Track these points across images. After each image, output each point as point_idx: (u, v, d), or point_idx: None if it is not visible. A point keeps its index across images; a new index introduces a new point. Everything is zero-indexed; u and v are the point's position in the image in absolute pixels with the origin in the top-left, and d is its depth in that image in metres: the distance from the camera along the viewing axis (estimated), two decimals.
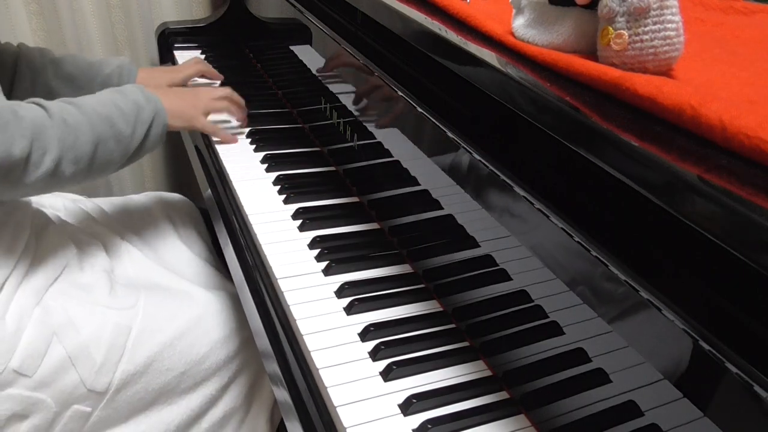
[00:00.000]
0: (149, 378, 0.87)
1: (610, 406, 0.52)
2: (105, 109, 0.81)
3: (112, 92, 0.86)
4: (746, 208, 0.37)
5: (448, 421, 0.61)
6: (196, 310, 0.93)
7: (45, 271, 0.85)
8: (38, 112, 0.74)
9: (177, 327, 0.90)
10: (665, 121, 0.46)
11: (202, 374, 0.92)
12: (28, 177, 0.73)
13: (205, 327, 0.93)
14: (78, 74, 1.04)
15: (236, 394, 0.98)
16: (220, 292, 0.99)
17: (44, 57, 1.03)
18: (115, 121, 0.82)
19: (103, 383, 0.83)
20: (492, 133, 0.66)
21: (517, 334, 0.64)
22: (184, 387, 0.92)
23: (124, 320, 0.86)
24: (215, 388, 0.95)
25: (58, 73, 1.03)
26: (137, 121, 0.84)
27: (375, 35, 0.89)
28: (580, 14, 0.56)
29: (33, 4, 1.41)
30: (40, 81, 1.02)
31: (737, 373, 0.39)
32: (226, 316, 0.96)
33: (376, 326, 0.71)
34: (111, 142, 0.81)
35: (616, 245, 0.49)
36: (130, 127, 0.83)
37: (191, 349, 0.91)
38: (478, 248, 0.68)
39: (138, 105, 0.85)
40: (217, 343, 0.93)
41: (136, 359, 0.86)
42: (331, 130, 1.03)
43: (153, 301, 0.90)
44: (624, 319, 0.49)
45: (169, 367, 0.89)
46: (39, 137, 0.72)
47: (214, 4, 1.63)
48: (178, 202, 1.22)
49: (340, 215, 0.91)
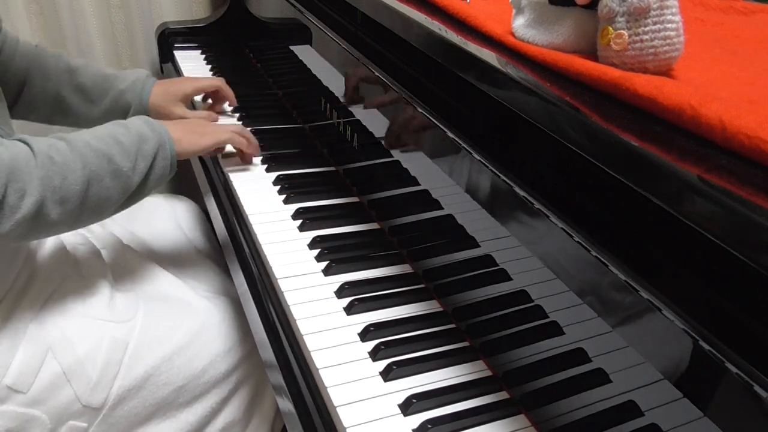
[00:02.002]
0: (146, 393, 0.86)
1: (610, 406, 0.52)
2: (101, 144, 0.76)
3: (114, 125, 0.81)
4: (746, 208, 0.37)
5: (448, 421, 0.61)
6: (197, 322, 0.91)
7: (42, 285, 0.84)
8: (20, 151, 0.68)
9: (176, 341, 0.88)
10: (665, 121, 0.46)
11: (201, 388, 0.91)
12: (5, 223, 0.66)
13: (205, 339, 0.91)
14: (91, 86, 1.02)
15: (237, 406, 0.96)
16: (222, 299, 0.98)
17: (59, 63, 1.01)
18: (113, 156, 0.76)
19: (99, 399, 0.82)
20: (492, 134, 0.66)
21: (517, 334, 0.64)
22: (183, 401, 0.90)
23: (121, 334, 0.84)
24: (215, 401, 0.93)
25: (71, 82, 1.01)
26: (139, 154, 0.78)
27: (375, 35, 0.89)
28: (580, 14, 0.56)
29: (33, 4, 1.41)
30: (51, 88, 1.00)
31: (737, 373, 0.39)
32: (227, 327, 0.94)
33: (376, 326, 0.71)
34: (107, 179, 0.75)
35: (616, 245, 0.49)
36: (131, 161, 0.77)
37: (190, 362, 0.89)
38: (478, 248, 0.68)
39: (141, 137, 0.80)
40: (217, 356, 0.91)
41: (133, 374, 0.84)
42: (331, 130, 1.03)
43: (152, 313, 0.89)
44: (624, 319, 0.49)
45: (166, 381, 0.87)
46: (16, 178, 0.66)
47: (214, 4, 1.63)
48: (185, 204, 1.22)
49: (340, 215, 0.91)
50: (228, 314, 0.95)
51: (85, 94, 1.01)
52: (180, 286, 0.96)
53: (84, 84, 1.01)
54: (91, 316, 0.84)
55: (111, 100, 1.02)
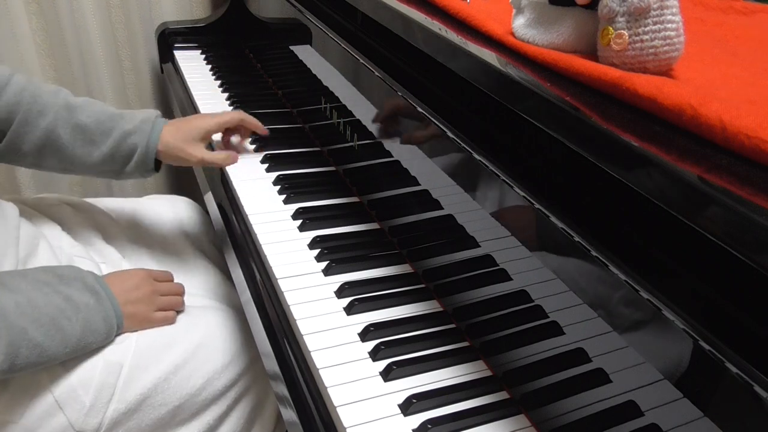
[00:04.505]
0: (142, 415, 0.83)
1: (610, 406, 0.52)
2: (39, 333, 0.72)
3: (60, 309, 0.75)
4: (746, 208, 0.37)
5: (448, 421, 0.61)
6: (195, 338, 0.88)
7: None
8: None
9: (173, 359, 0.85)
10: (665, 121, 0.46)
11: (198, 405, 0.88)
12: None
13: (203, 355, 0.87)
14: (92, 126, 0.90)
15: (237, 419, 0.93)
16: (222, 308, 0.95)
17: (57, 99, 0.90)
18: (46, 349, 0.73)
19: (93, 424, 0.79)
20: (492, 133, 0.66)
21: (517, 334, 0.64)
22: (180, 420, 0.87)
23: (115, 357, 0.81)
24: (213, 417, 0.90)
25: (69, 121, 0.89)
26: (77, 345, 0.76)
27: (375, 35, 0.89)
28: (580, 14, 0.56)
29: (33, 4, 1.41)
30: (44, 125, 0.88)
31: (737, 373, 0.39)
32: (226, 340, 0.90)
33: (376, 326, 0.71)
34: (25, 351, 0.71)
35: (616, 245, 0.49)
36: (65, 349, 0.75)
37: (188, 381, 0.85)
38: (478, 248, 0.68)
39: (87, 329, 0.77)
40: (216, 372, 0.88)
41: (127, 397, 0.81)
42: (331, 130, 1.03)
43: (148, 332, 0.85)
44: (624, 319, 0.49)
45: (162, 402, 0.84)
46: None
47: (214, 4, 1.63)
48: (187, 206, 1.20)
49: (340, 215, 0.91)
50: (227, 326, 0.92)
51: (86, 134, 0.90)
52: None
53: (84, 123, 0.89)
54: None
55: (114, 141, 0.90)
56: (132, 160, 0.92)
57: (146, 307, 0.86)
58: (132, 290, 0.85)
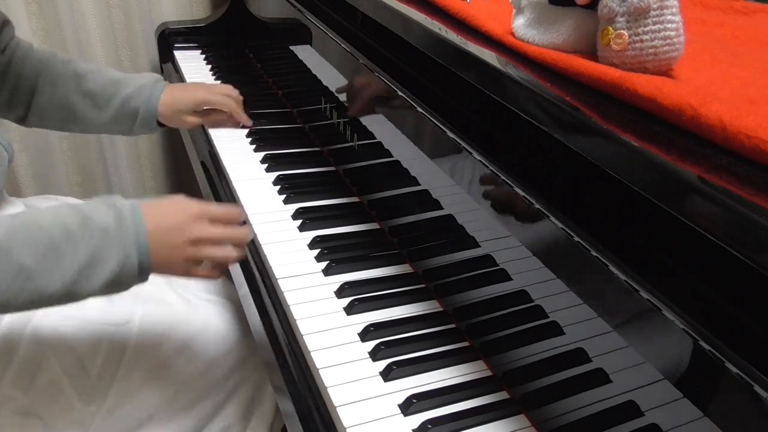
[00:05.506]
0: (143, 396, 0.85)
1: (610, 406, 0.52)
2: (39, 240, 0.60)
3: (75, 219, 0.63)
4: (746, 208, 0.37)
5: (448, 421, 0.61)
6: (195, 324, 0.89)
7: None
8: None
9: (174, 344, 0.86)
10: (665, 121, 0.46)
11: (199, 391, 0.89)
12: None
13: (203, 342, 0.89)
14: (98, 91, 1.00)
15: (235, 408, 0.95)
16: (222, 301, 0.96)
17: (67, 69, 1.00)
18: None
19: (97, 402, 0.82)
20: (492, 133, 0.66)
21: (517, 334, 0.64)
22: (180, 404, 0.89)
23: (119, 337, 0.83)
24: (213, 403, 0.91)
25: (78, 88, 1.00)
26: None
27: (375, 35, 0.89)
28: (580, 14, 0.56)
29: (33, 4, 1.41)
30: (59, 95, 0.99)
31: (737, 373, 0.39)
32: (226, 329, 0.92)
33: (376, 326, 0.71)
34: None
35: (616, 245, 0.49)
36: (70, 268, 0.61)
37: (188, 365, 0.87)
38: (478, 248, 0.68)
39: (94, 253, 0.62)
40: (216, 358, 0.89)
41: (130, 378, 0.83)
42: (331, 130, 1.03)
43: (150, 316, 0.87)
44: (624, 319, 0.49)
45: (164, 384, 0.86)
46: None
47: (214, 4, 1.63)
48: None
49: (340, 215, 0.91)
50: (227, 316, 0.94)
51: (93, 100, 1.00)
52: (179, 289, 0.95)
53: (91, 89, 1.00)
54: (88, 319, 0.83)
55: (118, 105, 1.01)
56: (136, 121, 1.03)
57: (183, 254, 0.68)
58: (173, 229, 0.68)
